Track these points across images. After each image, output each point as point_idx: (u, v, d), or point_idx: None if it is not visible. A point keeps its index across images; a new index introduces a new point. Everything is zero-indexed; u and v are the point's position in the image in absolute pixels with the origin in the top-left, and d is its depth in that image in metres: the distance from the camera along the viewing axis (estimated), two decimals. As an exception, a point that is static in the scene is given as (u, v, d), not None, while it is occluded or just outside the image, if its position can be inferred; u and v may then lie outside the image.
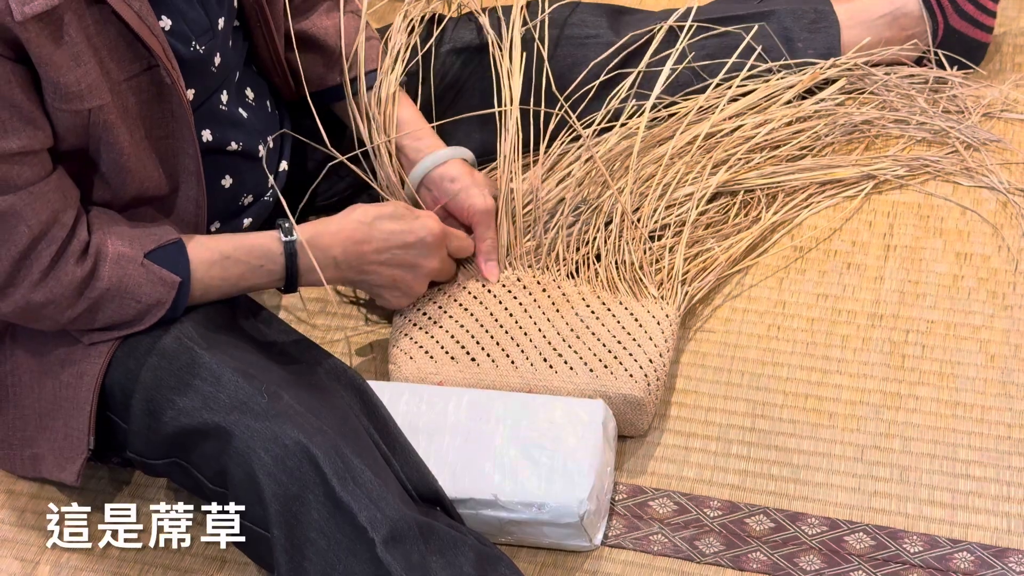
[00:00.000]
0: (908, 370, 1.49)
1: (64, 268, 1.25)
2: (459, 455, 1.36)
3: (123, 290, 1.27)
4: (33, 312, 1.27)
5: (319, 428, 1.24)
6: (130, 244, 1.28)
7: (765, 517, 1.38)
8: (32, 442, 1.36)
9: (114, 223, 1.30)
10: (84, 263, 1.26)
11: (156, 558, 1.39)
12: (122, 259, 1.27)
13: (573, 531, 1.34)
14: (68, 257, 1.25)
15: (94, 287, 1.27)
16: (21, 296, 1.25)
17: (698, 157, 1.64)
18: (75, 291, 1.26)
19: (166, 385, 1.27)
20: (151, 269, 1.28)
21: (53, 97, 1.21)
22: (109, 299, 1.27)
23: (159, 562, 1.39)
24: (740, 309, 1.57)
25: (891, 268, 1.59)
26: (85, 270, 1.26)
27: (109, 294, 1.27)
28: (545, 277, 1.52)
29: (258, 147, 1.47)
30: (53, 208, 1.24)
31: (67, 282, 1.25)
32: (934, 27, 1.75)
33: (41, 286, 1.25)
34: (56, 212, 1.24)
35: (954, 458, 1.41)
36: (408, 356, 1.47)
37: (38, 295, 1.25)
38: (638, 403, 1.41)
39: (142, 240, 1.29)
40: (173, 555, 1.39)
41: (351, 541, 1.19)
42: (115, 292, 1.27)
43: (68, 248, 1.25)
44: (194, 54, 1.32)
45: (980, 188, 1.66)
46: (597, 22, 1.72)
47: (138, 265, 1.28)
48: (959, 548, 1.33)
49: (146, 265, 1.28)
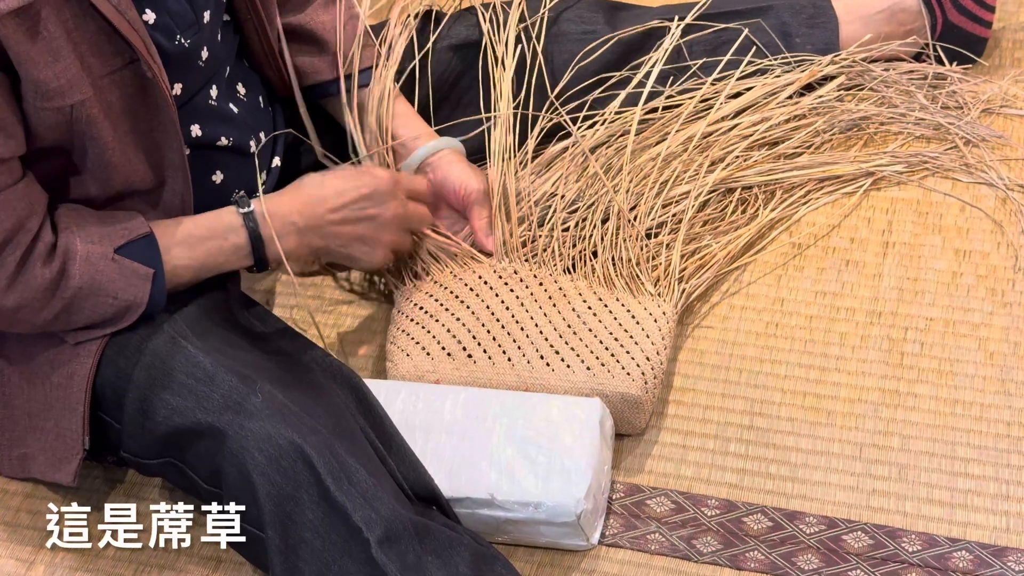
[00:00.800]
0: (907, 368, 1.48)
1: (32, 271, 1.24)
2: (455, 454, 1.35)
3: (96, 287, 1.27)
4: (7, 317, 1.27)
5: (313, 427, 1.23)
6: (99, 241, 1.28)
7: (763, 516, 1.37)
8: (21, 442, 1.35)
9: (82, 221, 1.29)
10: (52, 264, 1.25)
11: (151, 558, 1.39)
12: (92, 256, 1.27)
13: (570, 530, 1.33)
14: (34, 260, 1.24)
15: (66, 287, 1.26)
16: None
17: (695, 154, 1.63)
18: (46, 292, 1.25)
19: (159, 384, 1.27)
20: (123, 264, 1.28)
21: (34, 96, 1.20)
22: (83, 297, 1.27)
23: (154, 562, 1.38)
24: (738, 306, 1.56)
25: (890, 265, 1.59)
26: (54, 271, 1.25)
27: (82, 292, 1.27)
28: (542, 271, 1.52)
29: (249, 143, 1.46)
30: (18, 216, 1.23)
31: (36, 285, 1.25)
32: (933, 22, 1.74)
33: (10, 291, 1.24)
34: (21, 219, 1.23)
35: (953, 456, 1.40)
36: (405, 353, 1.46)
37: (8, 300, 1.25)
38: (635, 401, 1.41)
39: (111, 236, 1.28)
40: (168, 556, 1.38)
41: (346, 541, 1.19)
42: (88, 290, 1.27)
43: (34, 251, 1.24)
44: (179, 48, 1.31)
45: (979, 184, 1.65)
46: (594, 18, 1.71)
47: (109, 261, 1.27)
48: (958, 547, 1.33)
49: (117, 260, 1.28)
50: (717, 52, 1.71)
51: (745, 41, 1.71)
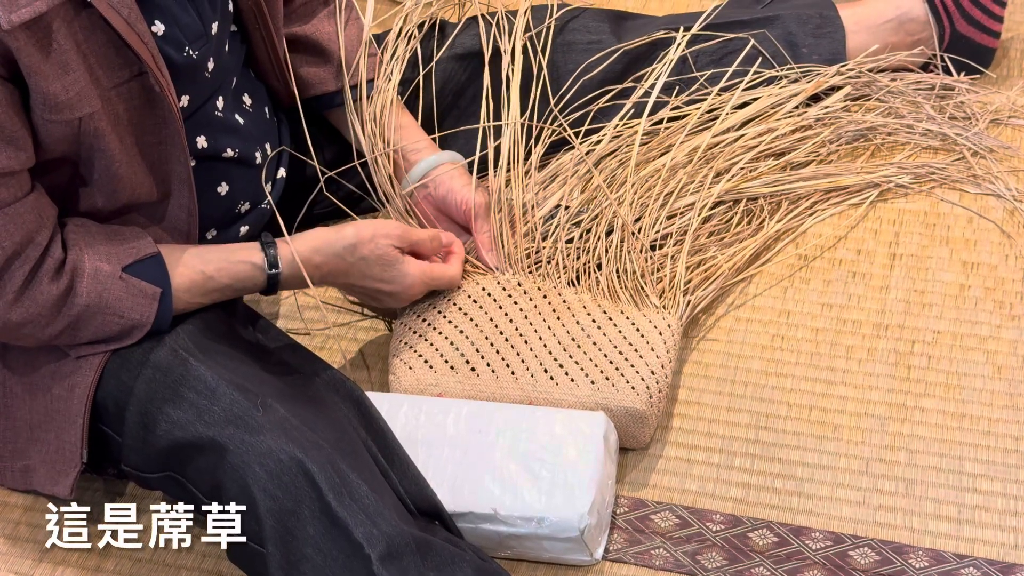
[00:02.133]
0: (914, 381, 1.47)
1: (39, 287, 1.24)
2: (458, 468, 1.34)
3: (103, 305, 1.26)
4: (12, 331, 1.26)
5: (315, 442, 1.22)
6: (107, 259, 1.27)
7: (768, 531, 1.36)
8: (23, 454, 1.35)
9: (91, 239, 1.28)
10: (60, 281, 1.25)
11: (152, 572, 1.38)
12: (100, 274, 1.26)
13: (574, 545, 1.32)
14: (42, 276, 1.24)
15: (72, 304, 1.25)
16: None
17: (700, 165, 1.62)
18: (52, 309, 1.25)
19: (160, 397, 1.26)
20: (130, 283, 1.27)
21: (43, 109, 1.20)
22: (90, 315, 1.26)
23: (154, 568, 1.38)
24: (743, 319, 1.55)
25: (897, 277, 1.58)
26: (61, 288, 1.25)
27: (89, 310, 1.26)
28: (546, 283, 1.51)
29: (255, 154, 1.46)
30: (27, 229, 1.23)
31: (43, 301, 1.24)
32: (940, 32, 1.74)
33: (17, 305, 1.24)
34: (30, 233, 1.23)
35: (960, 471, 1.39)
36: (408, 367, 1.45)
37: (14, 315, 1.24)
38: (640, 415, 1.40)
39: (120, 255, 1.28)
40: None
41: (347, 557, 1.18)
42: (95, 308, 1.26)
43: (42, 267, 1.24)
44: (187, 60, 1.30)
45: (987, 196, 1.64)
46: (599, 27, 1.70)
47: (117, 279, 1.27)
48: (965, 563, 1.32)
49: (125, 279, 1.27)
50: (723, 62, 1.70)
51: (751, 51, 1.70)
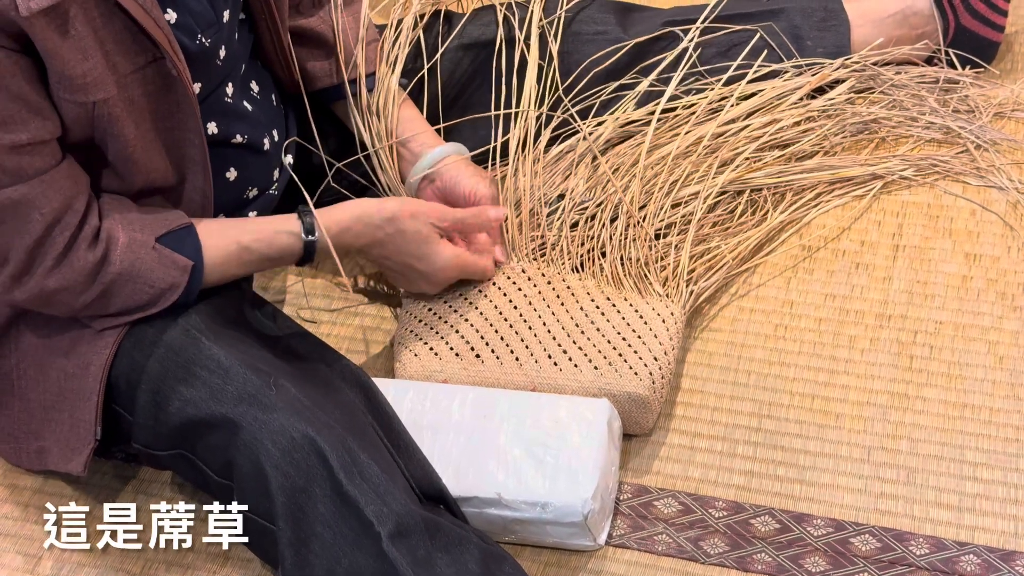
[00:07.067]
0: (916, 371, 1.48)
1: (77, 254, 1.25)
2: (463, 453, 1.35)
3: (135, 274, 1.28)
4: (47, 298, 1.28)
5: (327, 423, 1.23)
6: (141, 229, 1.28)
7: (770, 518, 1.37)
8: (38, 435, 1.36)
9: (125, 209, 1.30)
10: (96, 248, 1.26)
11: (158, 554, 1.39)
12: (134, 244, 1.28)
13: (577, 530, 1.33)
14: (80, 243, 1.25)
15: (106, 272, 1.27)
16: (35, 283, 1.26)
17: (705, 156, 1.63)
18: (88, 276, 1.26)
19: (173, 376, 1.27)
20: (163, 253, 1.29)
21: (59, 87, 1.21)
22: (122, 284, 1.28)
23: (161, 558, 1.38)
24: (747, 308, 1.56)
25: (900, 268, 1.58)
26: (97, 255, 1.26)
27: (121, 279, 1.27)
28: (550, 270, 1.52)
29: (263, 140, 1.47)
30: (65, 195, 1.24)
31: (80, 267, 1.26)
32: (945, 26, 1.74)
33: (55, 272, 1.25)
34: (68, 198, 1.25)
35: (961, 460, 1.40)
36: (413, 354, 1.46)
37: (52, 281, 1.26)
38: (643, 402, 1.40)
39: (153, 225, 1.29)
40: (176, 551, 1.38)
41: (357, 535, 1.19)
42: (127, 276, 1.27)
43: (80, 234, 1.25)
44: (200, 47, 1.31)
45: (990, 188, 1.65)
46: (605, 19, 1.71)
47: (150, 249, 1.28)
48: (966, 551, 1.32)
49: (158, 249, 1.29)
50: (728, 55, 1.71)
51: (756, 43, 1.71)
